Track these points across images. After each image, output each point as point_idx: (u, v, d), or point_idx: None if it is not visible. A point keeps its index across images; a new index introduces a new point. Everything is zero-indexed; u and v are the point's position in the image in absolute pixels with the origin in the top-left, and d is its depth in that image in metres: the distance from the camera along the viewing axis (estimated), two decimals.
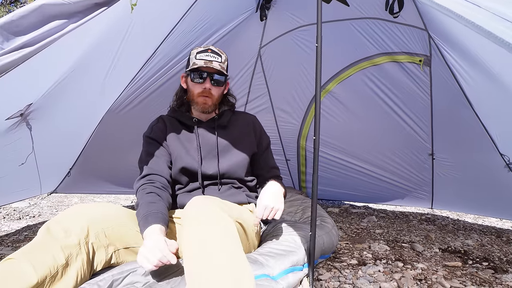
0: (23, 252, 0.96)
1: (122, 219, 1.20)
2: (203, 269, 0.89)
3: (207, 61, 1.44)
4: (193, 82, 1.48)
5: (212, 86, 1.47)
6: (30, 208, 3.14)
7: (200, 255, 0.91)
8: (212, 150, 1.49)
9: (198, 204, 1.08)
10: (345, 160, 3.23)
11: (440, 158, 2.80)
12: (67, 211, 1.13)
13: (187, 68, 1.50)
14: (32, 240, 1.02)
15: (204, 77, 1.46)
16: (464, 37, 1.66)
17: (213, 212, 1.03)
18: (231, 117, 1.60)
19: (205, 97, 1.47)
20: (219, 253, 0.91)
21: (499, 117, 2.14)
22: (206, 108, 1.50)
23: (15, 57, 0.98)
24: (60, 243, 1.00)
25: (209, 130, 1.53)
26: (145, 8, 1.66)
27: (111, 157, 2.80)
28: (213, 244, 0.93)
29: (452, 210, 3.32)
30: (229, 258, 0.91)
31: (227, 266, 0.89)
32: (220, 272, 0.87)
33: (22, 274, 0.90)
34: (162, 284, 1.11)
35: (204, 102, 1.48)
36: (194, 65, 1.44)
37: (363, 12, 2.38)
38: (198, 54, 1.46)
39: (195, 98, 1.49)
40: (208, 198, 1.15)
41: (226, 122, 1.57)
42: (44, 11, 1.03)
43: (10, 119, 1.72)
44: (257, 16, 2.58)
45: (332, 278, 1.59)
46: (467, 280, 1.62)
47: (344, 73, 2.83)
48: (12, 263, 0.92)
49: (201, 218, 1.00)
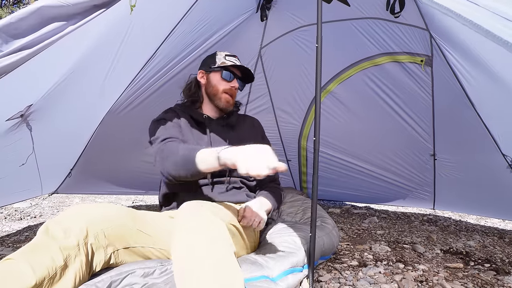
0: (22, 252, 0.95)
1: (122, 219, 1.20)
2: (191, 274, 0.88)
3: (238, 65, 1.57)
4: (222, 79, 1.57)
5: (237, 87, 1.59)
6: (31, 209, 3.15)
7: (188, 261, 0.91)
8: (222, 146, 1.52)
9: (188, 209, 1.07)
10: (346, 161, 3.22)
11: (442, 158, 2.79)
12: (67, 211, 1.13)
13: (213, 65, 1.58)
14: (31, 240, 1.02)
15: (233, 77, 1.57)
16: (465, 36, 1.65)
17: (203, 216, 1.02)
18: (238, 118, 1.68)
19: (229, 95, 1.58)
20: (206, 259, 0.90)
21: (501, 117, 2.13)
22: (229, 106, 1.60)
23: (14, 59, 0.98)
24: (59, 244, 1.00)
25: (219, 128, 1.59)
26: (145, 9, 1.66)
27: (111, 157, 2.81)
28: (201, 249, 0.92)
29: (454, 211, 3.31)
30: (217, 263, 0.90)
31: (214, 270, 0.88)
32: (207, 277, 0.87)
33: (20, 275, 0.90)
34: (161, 285, 1.11)
35: (228, 100, 1.58)
36: (224, 63, 1.55)
37: (364, 12, 2.38)
38: (228, 57, 1.58)
39: (219, 93, 1.57)
40: (199, 203, 1.15)
41: (234, 122, 1.64)
42: (43, 13, 1.03)
43: (10, 120, 1.72)
44: (258, 16, 2.57)
45: (332, 279, 1.58)
46: (469, 282, 1.61)
47: (345, 73, 2.82)
48: (11, 264, 0.92)
49: (190, 224, 1.00)
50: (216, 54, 1.61)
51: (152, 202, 3.71)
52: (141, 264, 1.18)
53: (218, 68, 1.56)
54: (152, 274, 1.17)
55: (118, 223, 1.17)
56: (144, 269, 1.16)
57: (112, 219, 1.17)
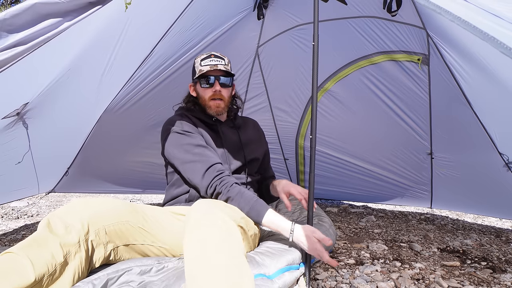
0: (22, 246, 0.94)
1: (124, 216, 1.19)
2: (202, 271, 0.89)
3: (212, 65, 1.48)
4: (202, 88, 1.52)
5: (221, 88, 1.51)
6: (28, 208, 3.14)
7: (199, 258, 0.91)
8: (236, 146, 1.56)
9: (201, 208, 1.08)
10: (344, 159, 3.22)
11: (439, 157, 2.79)
12: (69, 206, 1.11)
13: (194, 77, 1.54)
14: (32, 234, 1.02)
15: (212, 81, 1.50)
16: (461, 35, 1.65)
17: (215, 215, 1.04)
18: (241, 120, 1.69)
19: (217, 101, 1.51)
20: (218, 256, 0.91)
21: (497, 116, 2.14)
22: (220, 111, 1.54)
23: (8, 55, 0.97)
24: (59, 239, 0.99)
25: (229, 129, 1.59)
26: (141, 8, 1.66)
27: (109, 156, 2.80)
28: (212, 246, 0.93)
29: (452, 209, 3.32)
30: (228, 261, 0.91)
31: (225, 269, 0.89)
32: (218, 274, 0.87)
33: (21, 270, 0.89)
34: (157, 282, 1.11)
35: (217, 106, 1.52)
36: (201, 71, 1.48)
37: (361, 11, 2.38)
38: (203, 61, 1.51)
39: (207, 102, 1.52)
40: (212, 202, 1.16)
41: (240, 124, 1.65)
42: (37, 9, 1.02)
43: (6, 118, 1.72)
44: (255, 15, 2.56)
45: (329, 277, 1.59)
46: (465, 280, 1.62)
47: (342, 72, 2.82)
48: (11, 258, 0.91)
49: (202, 221, 1.01)
50: (194, 63, 1.56)
51: (150, 201, 3.70)
52: (138, 262, 1.18)
53: (197, 78, 1.52)
54: (149, 272, 1.16)
55: (119, 219, 1.17)
56: (141, 267, 1.16)
57: (114, 216, 1.16)
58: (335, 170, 3.30)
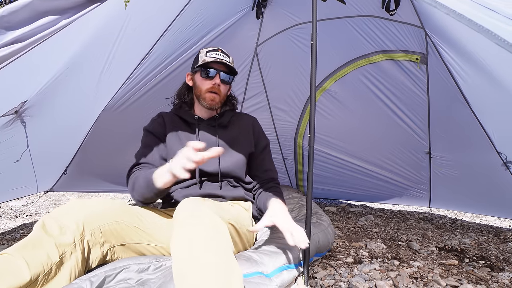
0: (17, 247, 0.95)
1: (119, 216, 1.19)
2: (190, 270, 0.87)
3: (217, 59, 1.48)
4: (202, 78, 1.51)
5: (221, 83, 1.51)
6: (27, 207, 3.13)
7: (187, 257, 0.90)
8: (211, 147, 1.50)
9: (187, 206, 1.07)
10: (342, 159, 3.22)
11: (437, 156, 2.80)
12: (64, 207, 1.12)
13: (196, 65, 1.52)
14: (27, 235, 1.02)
15: (213, 73, 1.49)
16: (460, 34, 1.65)
17: (203, 213, 1.02)
18: (231, 118, 1.63)
19: (214, 94, 1.50)
20: (206, 254, 0.89)
21: (496, 115, 2.14)
22: (214, 105, 1.52)
23: (5, 52, 0.97)
24: (54, 240, 0.99)
25: (209, 129, 1.55)
26: (140, 6, 1.66)
27: (107, 155, 2.80)
28: (200, 245, 0.92)
29: (450, 208, 3.32)
30: (217, 258, 0.90)
31: (214, 267, 0.88)
32: (206, 273, 0.86)
33: (16, 270, 0.89)
34: (155, 280, 1.11)
35: (212, 99, 1.51)
36: (204, 61, 1.48)
37: (360, 10, 2.38)
38: (209, 53, 1.50)
39: (203, 94, 1.51)
40: (199, 200, 1.14)
41: (227, 122, 1.59)
42: (35, 6, 1.02)
43: (4, 116, 1.71)
44: (253, 14, 2.57)
45: (327, 276, 1.59)
46: (463, 278, 1.62)
47: (341, 71, 2.82)
48: (6, 259, 0.92)
49: (189, 220, 0.99)
50: (199, 53, 1.54)
51: None
52: (135, 260, 1.18)
53: (199, 67, 1.50)
54: (147, 270, 1.17)
55: (114, 219, 1.17)
56: (138, 265, 1.16)
57: (109, 216, 1.16)
58: (333, 170, 3.30)
